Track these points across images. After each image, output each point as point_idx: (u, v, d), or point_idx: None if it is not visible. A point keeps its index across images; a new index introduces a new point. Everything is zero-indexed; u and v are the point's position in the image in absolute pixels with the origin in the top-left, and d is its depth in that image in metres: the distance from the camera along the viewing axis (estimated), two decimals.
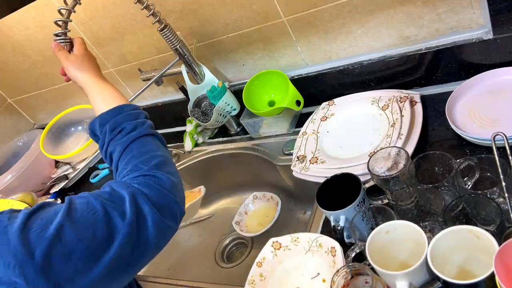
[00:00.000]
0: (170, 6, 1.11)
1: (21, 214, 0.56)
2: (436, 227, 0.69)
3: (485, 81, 0.90)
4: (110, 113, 0.75)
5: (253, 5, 1.04)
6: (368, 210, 0.75)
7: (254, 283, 0.83)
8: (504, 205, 0.65)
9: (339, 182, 0.81)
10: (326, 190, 0.81)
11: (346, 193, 0.77)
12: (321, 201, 0.79)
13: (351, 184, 0.78)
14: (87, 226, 0.56)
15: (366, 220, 0.74)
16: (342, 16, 0.99)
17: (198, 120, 1.22)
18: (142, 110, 0.78)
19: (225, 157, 1.27)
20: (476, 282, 0.54)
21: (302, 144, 1.04)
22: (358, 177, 0.79)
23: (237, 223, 1.19)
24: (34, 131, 1.73)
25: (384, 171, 0.81)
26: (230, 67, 1.23)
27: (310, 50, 1.09)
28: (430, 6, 0.90)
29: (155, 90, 1.41)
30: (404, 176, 0.75)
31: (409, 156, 0.79)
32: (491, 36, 0.88)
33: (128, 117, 0.74)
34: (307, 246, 0.83)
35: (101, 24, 1.25)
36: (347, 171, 0.82)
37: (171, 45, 1.10)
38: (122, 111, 0.75)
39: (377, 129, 0.96)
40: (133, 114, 0.75)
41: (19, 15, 1.34)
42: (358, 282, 0.66)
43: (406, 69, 1.01)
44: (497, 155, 0.66)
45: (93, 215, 0.58)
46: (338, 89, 1.11)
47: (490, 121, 0.85)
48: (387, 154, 0.81)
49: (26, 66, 1.55)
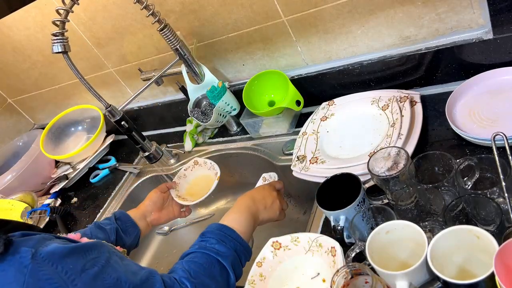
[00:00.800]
0: (170, 6, 1.11)
1: (47, 253, 0.57)
2: (436, 227, 0.69)
3: (485, 81, 0.90)
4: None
5: (253, 5, 1.04)
6: (368, 210, 0.75)
7: (254, 283, 0.83)
8: (504, 205, 0.65)
9: (339, 182, 0.81)
10: (326, 190, 0.81)
11: (346, 193, 0.77)
12: (321, 201, 0.79)
13: (351, 184, 0.78)
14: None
15: (366, 220, 0.74)
16: (342, 16, 0.99)
17: (198, 120, 1.22)
18: (246, 251, 0.81)
19: (225, 157, 1.27)
20: (476, 282, 0.54)
21: (302, 144, 1.04)
22: (358, 177, 0.79)
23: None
24: (34, 131, 1.73)
25: (384, 171, 0.81)
26: (230, 67, 1.23)
27: (310, 50, 1.09)
28: (430, 6, 0.90)
29: (155, 90, 1.41)
30: (404, 176, 0.75)
31: (409, 156, 0.79)
32: (491, 36, 0.88)
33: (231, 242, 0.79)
34: (307, 246, 0.83)
35: (101, 24, 1.25)
36: (347, 171, 0.82)
37: (171, 45, 1.10)
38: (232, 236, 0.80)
39: (377, 129, 0.96)
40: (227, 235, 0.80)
41: (19, 15, 1.34)
42: (358, 282, 0.66)
43: (406, 69, 1.01)
44: (497, 155, 0.66)
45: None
46: (338, 89, 1.11)
47: (490, 121, 0.85)
48: (387, 154, 0.81)
49: (26, 66, 1.55)
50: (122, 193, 1.37)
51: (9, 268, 0.54)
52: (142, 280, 0.65)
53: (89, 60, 1.39)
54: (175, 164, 1.34)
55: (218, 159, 1.29)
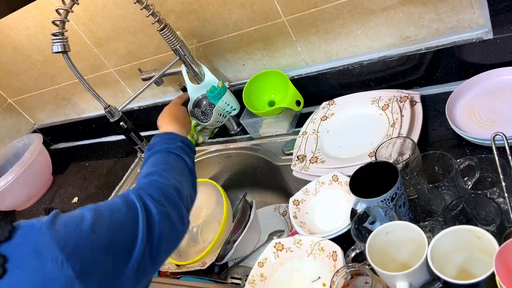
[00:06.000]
0: (170, 6, 1.11)
1: (49, 216, 0.59)
2: (436, 227, 0.69)
3: (485, 81, 0.90)
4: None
5: (253, 5, 1.04)
6: (399, 207, 0.72)
7: (254, 283, 0.83)
8: (504, 205, 0.65)
9: (383, 171, 0.76)
10: (373, 171, 0.77)
11: (386, 183, 0.73)
12: (360, 179, 0.76)
13: (392, 180, 0.73)
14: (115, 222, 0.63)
15: (389, 218, 0.72)
16: (342, 16, 0.99)
17: (198, 120, 1.22)
18: (183, 138, 0.89)
19: (225, 157, 1.27)
20: (477, 282, 0.54)
21: (302, 144, 1.04)
22: (398, 175, 0.73)
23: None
24: (33, 134, 1.70)
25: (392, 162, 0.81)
26: (230, 67, 1.23)
27: (310, 50, 1.09)
28: (430, 6, 0.90)
29: (155, 90, 1.41)
30: (414, 163, 0.75)
31: (415, 144, 0.79)
32: (491, 36, 0.88)
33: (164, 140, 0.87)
34: (309, 249, 0.82)
35: (101, 24, 1.25)
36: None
37: (171, 45, 1.10)
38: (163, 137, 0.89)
39: (377, 129, 0.96)
40: (169, 138, 0.88)
41: (19, 15, 1.33)
42: (358, 282, 0.66)
43: (406, 69, 1.01)
44: (497, 155, 0.66)
45: (118, 213, 0.65)
46: (338, 89, 1.11)
47: (490, 121, 0.85)
48: (392, 145, 0.82)
49: (26, 66, 1.55)
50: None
51: (29, 236, 0.54)
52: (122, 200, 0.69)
53: (89, 60, 1.39)
54: None
55: (218, 159, 1.29)
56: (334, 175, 0.91)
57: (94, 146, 1.73)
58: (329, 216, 0.90)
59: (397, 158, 0.83)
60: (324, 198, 0.92)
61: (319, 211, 0.91)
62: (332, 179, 0.91)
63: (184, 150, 0.85)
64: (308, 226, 0.89)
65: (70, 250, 0.54)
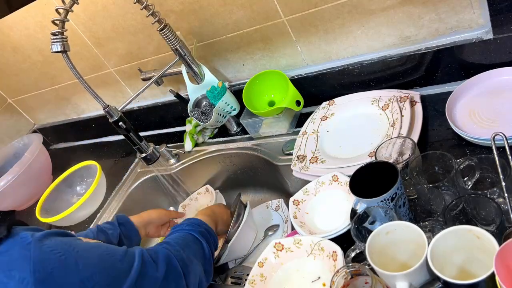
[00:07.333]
0: (170, 6, 1.11)
1: (42, 232, 0.61)
2: (436, 227, 0.69)
3: (485, 81, 0.90)
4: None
5: (253, 5, 1.04)
6: (399, 207, 0.72)
7: (254, 283, 0.83)
8: (504, 205, 0.65)
9: (387, 171, 0.75)
10: (374, 171, 0.77)
11: (386, 184, 0.73)
12: (360, 178, 0.76)
13: (391, 180, 0.73)
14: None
15: (389, 218, 0.72)
16: (342, 16, 0.99)
17: (198, 120, 1.22)
18: (208, 227, 0.91)
19: (225, 157, 1.27)
20: (477, 282, 0.54)
21: (302, 144, 1.04)
22: (398, 175, 0.73)
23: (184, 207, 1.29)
24: (31, 135, 1.69)
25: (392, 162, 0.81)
26: (230, 67, 1.23)
27: (310, 50, 1.09)
28: (430, 6, 0.90)
29: (155, 90, 1.41)
30: (414, 163, 0.75)
31: (415, 144, 0.79)
32: (491, 36, 0.88)
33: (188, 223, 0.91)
34: (309, 249, 0.82)
35: (101, 24, 1.25)
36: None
37: (171, 45, 1.10)
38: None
39: (377, 129, 0.96)
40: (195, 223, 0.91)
41: (19, 15, 1.33)
42: (358, 282, 0.66)
43: (406, 69, 1.01)
44: (497, 155, 0.66)
45: (112, 256, 0.67)
46: (338, 89, 1.11)
47: (490, 121, 0.85)
48: (392, 145, 0.82)
49: (26, 66, 1.55)
50: (122, 193, 1.38)
51: (13, 247, 0.57)
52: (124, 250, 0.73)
53: (89, 60, 1.39)
54: (175, 164, 1.34)
55: (218, 159, 1.29)
56: (334, 175, 0.91)
57: (94, 146, 1.73)
58: (329, 216, 0.90)
59: (397, 158, 0.83)
60: (324, 198, 0.92)
61: (319, 211, 0.91)
62: (332, 179, 0.91)
63: (204, 235, 0.88)
64: (308, 226, 0.89)
65: (41, 276, 0.54)
